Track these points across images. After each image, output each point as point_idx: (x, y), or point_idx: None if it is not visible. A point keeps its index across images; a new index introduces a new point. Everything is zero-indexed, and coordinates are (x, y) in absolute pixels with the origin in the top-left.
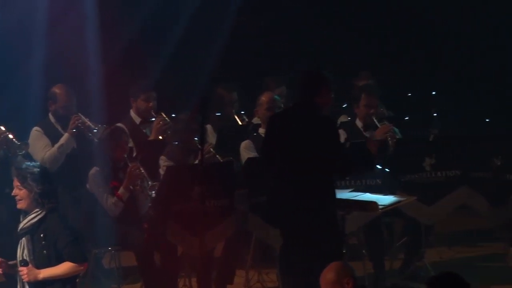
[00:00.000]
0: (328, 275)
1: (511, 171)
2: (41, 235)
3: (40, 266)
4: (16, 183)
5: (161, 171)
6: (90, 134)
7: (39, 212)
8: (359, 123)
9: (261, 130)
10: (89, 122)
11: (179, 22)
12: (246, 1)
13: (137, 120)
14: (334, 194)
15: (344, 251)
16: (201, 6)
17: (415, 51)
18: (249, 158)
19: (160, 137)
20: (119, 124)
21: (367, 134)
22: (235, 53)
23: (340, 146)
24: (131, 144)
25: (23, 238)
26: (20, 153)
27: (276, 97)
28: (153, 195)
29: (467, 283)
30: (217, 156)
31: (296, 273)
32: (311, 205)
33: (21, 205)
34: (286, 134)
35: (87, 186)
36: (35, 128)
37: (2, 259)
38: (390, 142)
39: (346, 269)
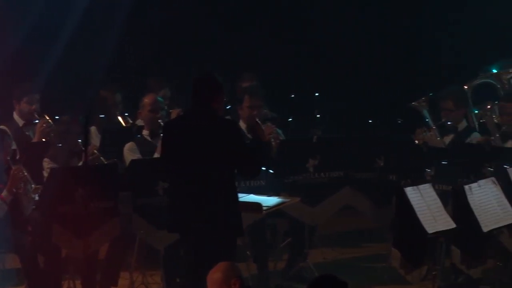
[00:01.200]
0: (215, 275)
1: (394, 172)
2: None
3: None
4: None
5: (45, 174)
6: None
7: None
8: (242, 125)
9: (145, 132)
10: None
11: (65, 24)
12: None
13: (20, 122)
14: (237, 197)
15: None
16: (88, 8)
17: (298, 52)
18: (132, 160)
19: (44, 139)
20: (1, 127)
21: (250, 136)
22: (119, 55)
23: (245, 147)
24: (14, 146)
25: None
26: None
27: (159, 98)
28: (37, 197)
29: (345, 283)
30: (101, 158)
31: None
32: (214, 210)
33: None
34: (187, 140)
35: None
36: None
37: None
38: (273, 143)
39: (233, 269)
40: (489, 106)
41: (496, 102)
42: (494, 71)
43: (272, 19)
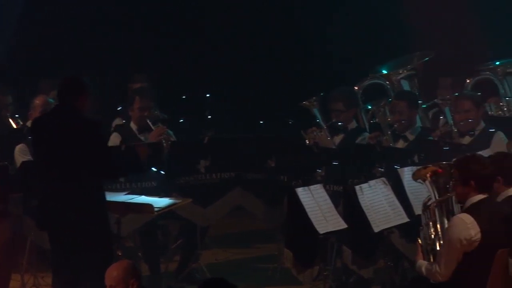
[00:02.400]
0: (114, 272)
1: (285, 172)
2: None
3: None
4: None
5: None
6: None
7: None
8: (133, 126)
9: None
10: None
11: None
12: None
13: None
14: (103, 198)
15: (119, 254)
16: None
17: (189, 53)
18: (23, 162)
19: None
20: None
21: (141, 137)
22: (9, 57)
23: (105, 149)
24: None
25: None
26: None
27: (50, 100)
28: None
29: (234, 286)
30: None
31: (65, 278)
32: (77, 209)
33: None
34: (50, 138)
35: None
36: None
37: None
38: (164, 144)
39: (134, 270)
40: (382, 104)
41: (390, 100)
42: (384, 72)
43: (162, 20)
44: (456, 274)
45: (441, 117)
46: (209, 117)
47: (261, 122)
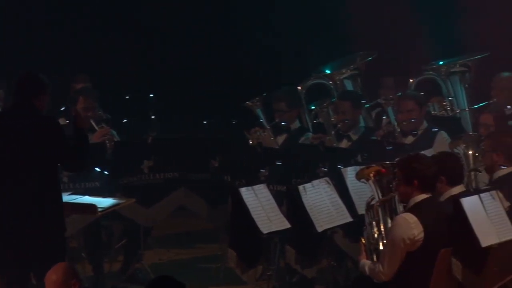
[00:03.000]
0: (53, 276)
1: (229, 172)
2: None
3: None
4: None
5: None
6: None
7: None
8: None
9: None
10: None
11: None
12: None
13: None
14: (60, 197)
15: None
16: None
17: (132, 53)
18: None
19: None
20: None
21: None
22: None
23: (66, 142)
24: None
25: None
26: None
27: None
28: None
29: (183, 284)
30: None
31: (10, 276)
32: (34, 208)
33: None
34: (6, 137)
35: None
36: None
37: None
38: (108, 145)
39: (72, 271)
40: (325, 104)
41: (333, 100)
42: (328, 71)
43: (105, 20)
44: (399, 273)
45: (384, 117)
46: (153, 117)
47: (205, 122)
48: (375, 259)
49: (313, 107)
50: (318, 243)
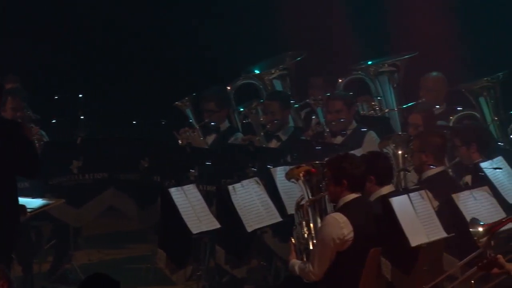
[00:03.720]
0: None
1: (158, 173)
2: None
3: None
4: None
5: None
6: None
7: None
8: None
9: None
10: None
11: None
12: None
13: None
14: (17, 198)
15: None
16: None
17: (61, 53)
18: None
19: None
20: None
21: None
22: None
23: (28, 147)
24: None
25: None
26: None
27: None
28: None
29: (117, 282)
30: None
31: None
32: None
33: None
34: None
35: None
36: None
37: None
38: (37, 145)
39: (1, 271)
40: (254, 105)
41: (262, 100)
42: (257, 72)
43: (34, 21)
44: (329, 273)
45: (313, 117)
46: (82, 117)
47: (134, 122)
48: (305, 259)
49: (242, 109)
50: (247, 243)
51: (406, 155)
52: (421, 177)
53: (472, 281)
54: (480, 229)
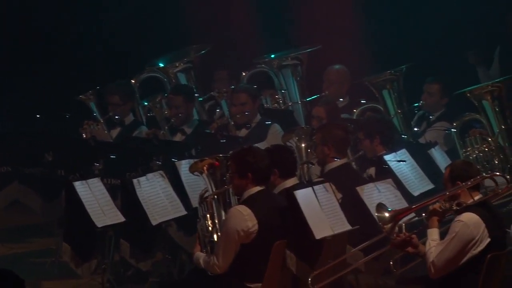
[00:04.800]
0: None
1: (63, 167)
2: None
3: None
4: None
5: None
6: None
7: None
8: None
9: None
10: None
11: None
12: None
13: None
14: None
15: None
16: None
17: None
18: None
19: None
20: None
21: None
22: None
23: None
24: None
25: None
26: None
27: None
28: None
29: (21, 280)
30: None
31: None
32: None
33: None
34: None
35: None
36: None
37: None
38: None
39: None
40: (158, 99)
41: (166, 94)
42: (161, 65)
43: None
44: (233, 265)
45: (218, 110)
46: None
47: (38, 116)
48: (209, 251)
49: (146, 103)
50: (152, 236)
51: (309, 149)
52: (324, 170)
53: (391, 262)
54: (387, 214)
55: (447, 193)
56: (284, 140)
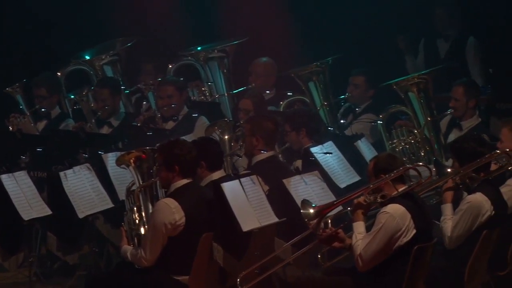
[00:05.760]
0: None
1: None
2: None
3: None
4: None
5: None
6: None
7: None
8: None
9: None
10: None
11: None
12: None
13: None
14: None
15: None
16: None
17: None
18: None
19: None
20: None
21: None
22: None
23: None
24: None
25: None
26: None
27: None
28: None
29: None
30: None
31: None
32: None
33: None
34: None
35: None
36: None
37: None
38: None
39: None
40: (84, 92)
41: (92, 87)
42: (87, 57)
43: None
44: (161, 258)
45: (145, 103)
46: None
47: None
48: (136, 244)
49: (72, 96)
50: (79, 229)
51: (232, 142)
52: (251, 162)
53: (319, 255)
54: (311, 210)
55: (371, 186)
56: (207, 133)
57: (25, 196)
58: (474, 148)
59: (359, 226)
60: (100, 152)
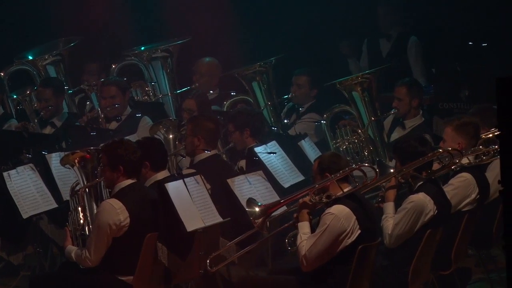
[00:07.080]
0: None
1: None
2: None
3: None
4: None
5: None
6: None
7: None
8: None
9: None
10: None
11: None
12: None
13: None
14: None
15: None
16: None
17: None
18: None
19: None
20: None
21: None
22: None
23: None
24: None
25: None
26: None
27: None
28: None
29: None
30: None
31: None
32: None
33: None
34: None
35: None
36: None
37: None
38: None
39: None
40: (28, 92)
41: (35, 87)
42: (30, 57)
43: None
44: (106, 259)
45: (88, 103)
46: None
47: None
48: (81, 245)
49: (15, 96)
50: (23, 229)
51: (177, 141)
52: (193, 161)
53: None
54: (257, 209)
55: (316, 185)
56: (151, 132)
57: None
58: (415, 147)
59: (304, 226)
60: (43, 152)
